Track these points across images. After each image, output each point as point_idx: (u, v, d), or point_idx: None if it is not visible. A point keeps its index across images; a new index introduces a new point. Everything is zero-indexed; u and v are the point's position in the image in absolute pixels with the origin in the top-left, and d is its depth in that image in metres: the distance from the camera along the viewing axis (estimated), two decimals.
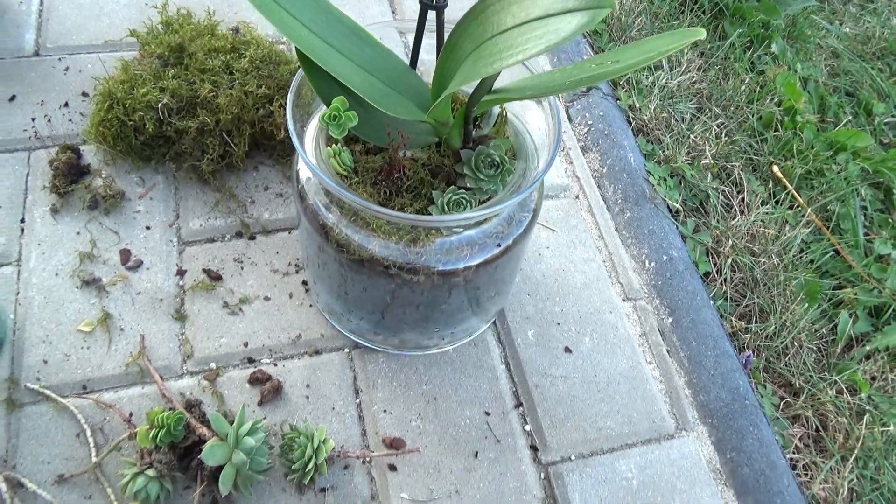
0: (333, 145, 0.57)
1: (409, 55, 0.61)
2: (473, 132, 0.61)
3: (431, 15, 0.57)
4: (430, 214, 0.56)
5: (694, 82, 1.01)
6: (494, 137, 0.62)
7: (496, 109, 0.63)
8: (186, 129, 0.73)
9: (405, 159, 0.59)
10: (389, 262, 0.57)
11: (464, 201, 0.56)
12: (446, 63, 0.54)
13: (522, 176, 0.59)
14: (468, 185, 0.58)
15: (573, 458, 0.65)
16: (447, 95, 0.51)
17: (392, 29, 0.66)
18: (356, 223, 0.57)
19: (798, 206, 0.93)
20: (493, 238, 0.59)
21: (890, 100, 1.16)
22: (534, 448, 0.65)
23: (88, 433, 0.60)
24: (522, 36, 0.46)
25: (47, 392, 0.62)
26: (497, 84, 0.56)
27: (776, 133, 1.00)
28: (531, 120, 0.62)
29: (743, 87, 1.04)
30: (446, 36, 0.55)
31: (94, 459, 0.59)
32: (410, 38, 0.71)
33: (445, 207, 0.56)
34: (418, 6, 0.57)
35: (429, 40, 0.61)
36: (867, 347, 0.81)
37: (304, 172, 0.60)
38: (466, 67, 0.50)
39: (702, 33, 0.45)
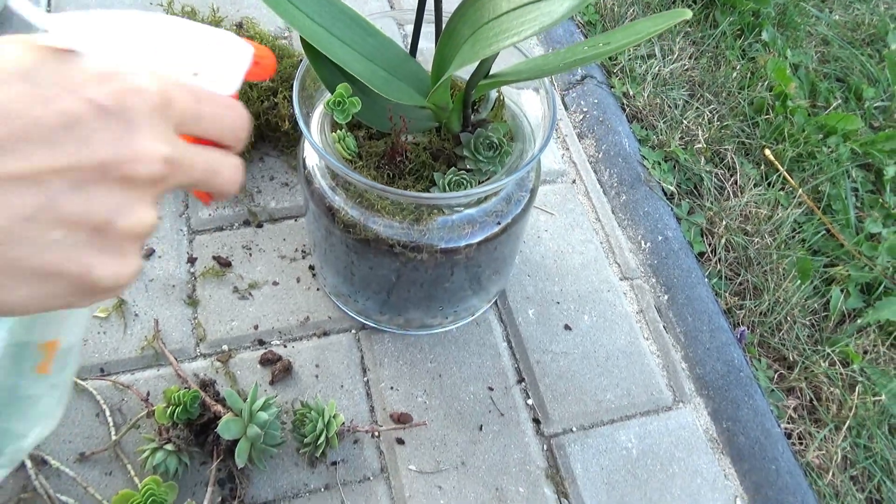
0: (338, 131, 0.60)
1: (409, 44, 0.64)
2: (472, 116, 0.63)
3: (429, 5, 0.60)
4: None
5: (686, 70, 1.04)
6: (492, 121, 0.64)
7: (493, 94, 0.65)
8: None
9: (407, 143, 0.61)
10: (394, 241, 0.59)
11: (464, 181, 0.59)
12: (445, 49, 0.57)
13: (520, 157, 0.62)
14: (468, 166, 0.60)
15: (574, 429, 0.68)
16: (446, 79, 0.54)
17: (390, 20, 0.68)
18: (361, 204, 0.59)
19: (790, 188, 0.96)
20: (493, 216, 0.61)
21: (879, 85, 1.19)
22: (536, 421, 0.68)
23: (107, 413, 0.63)
24: (517, 19, 0.49)
25: None
26: (494, 69, 0.59)
27: (767, 117, 1.03)
28: (527, 104, 0.64)
29: (734, 74, 1.06)
30: (444, 24, 0.57)
31: (113, 437, 0.62)
32: (409, 29, 0.73)
33: (447, 188, 0.59)
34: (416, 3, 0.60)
35: (427, 28, 0.64)
36: (858, 322, 0.84)
37: (310, 159, 0.63)
38: (465, 51, 0.52)
39: (687, 14, 0.48)
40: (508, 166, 0.61)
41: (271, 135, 0.81)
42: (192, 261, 0.74)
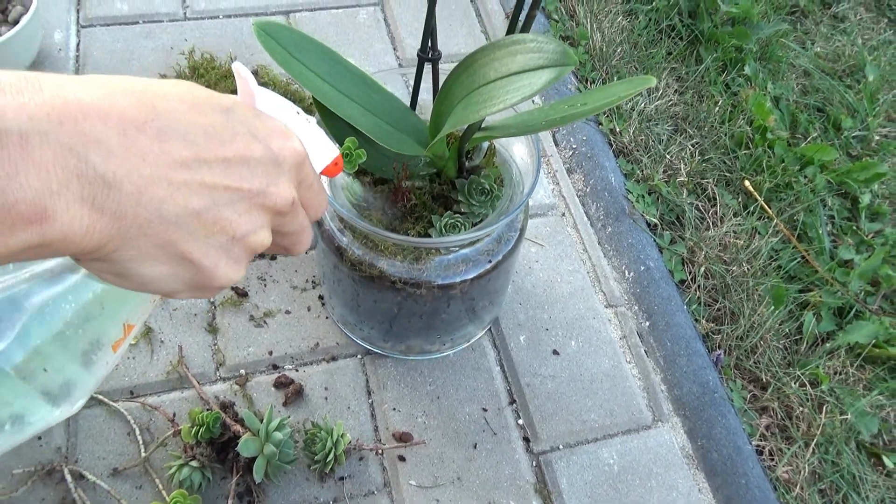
0: (346, 177, 0.67)
1: (410, 96, 0.71)
2: (466, 163, 0.70)
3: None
4: (430, 236, 0.65)
5: (670, 105, 1.10)
6: (484, 167, 0.71)
7: (485, 143, 0.72)
8: None
9: (409, 187, 0.68)
10: (396, 277, 0.66)
11: (458, 224, 0.65)
12: (441, 106, 0.64)
13: (509, 200, 0.68)
14: (462, 209, 0.67)
15: (561, 447, 0.74)
16: (442, 136, 0.61)
17: (398, 75, 0.75)
18: (366, 245, 0.66)
19: (767, 217, 1.02)
20: (485, 255, 0.68)
21: (858, 115, 1.25)
22: (526, 439, 0.74)
23: (137, 432, 0.69)
24: (503, 88, 0.56)
25: (100, 397, 0.71)
26: (486, 122, 0.66)
27: (746, 151, 1.09)
28: (516, 151, 0.71)
29: (716, 109, 1.13)
30: (441, 81, 0.64)
31: (143, 454, 0.68)
32: (411, 79, 0.80)
33: (443, 229, 0.65)
34: (417, 44, 0.66)
35: (426, 83, 0.71)
36: (829, 345, 0.90)
37: None
38: (458, 113, 0.59)
39: (652, 81, 0.55)
40: (499, 209, 0.67)
41: None
42: None
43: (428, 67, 0.67)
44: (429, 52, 0.65)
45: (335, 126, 0.65)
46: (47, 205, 0.25)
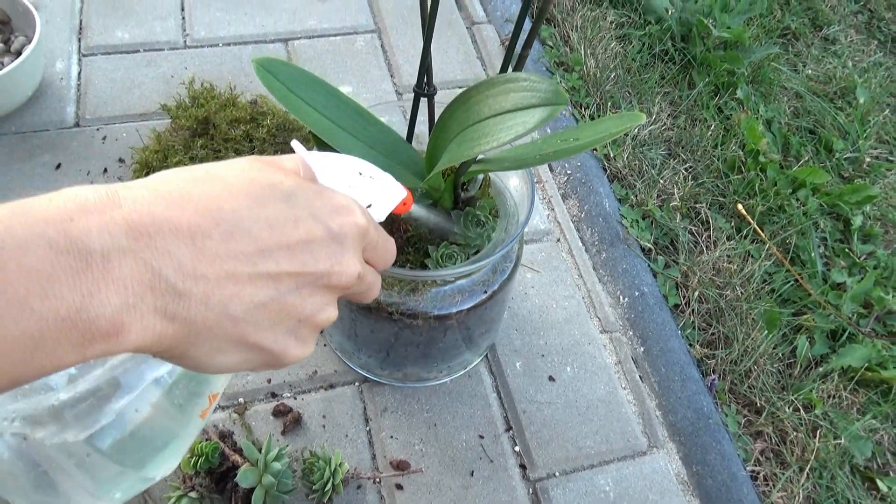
0: None
1: (407, 128, 0.72)
2: (462, 194, 0.71)
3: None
4: (427, 266, 0.66)
5: (664, 130, 1.12)
6: (480, 198, 0.72)
7: (481, 175, 0.73)
8: None
9: (405, 219, 0.69)
10: (393, 308, 0.67)
11: (454, 255, 0.66)
12: (437, 140, 0.65)
13: (504, 231, 0.69)
14: (459, 241, 0.68)
15: (557, 474, 0.75)
16: (438, 170, 0.62)
17: (395, 107, 0.76)
18: None
19: (760, 241, 1.03)
20: (481, 285, 0.69)
21: (849, 136, 1.27)
22: (522, 466, 0.75)
23: None
24: (497, 125, 0.57)
25: None
26: (481, 155, 0.67)
27: (739, 175, 1.11)
28: (511, 182, 0.72)
29: (709, 133, 1.14)
30: (437, 115, 0.65)
31: None
32: (409, 109, 0.81)
33: (439, 260, 0.66)
34: (414, 70, 0.68)
35: (423, 115, 0.72)
36: (822, 369, 0.91)
37: None
38: (453, 149, 0.60)
39: (642, 118, 0.56)
40: (495, 240, 0.68)
41: None
42: None
43: (424, 100, 0.69)
44: (424, 88, 0.66)
45: None
46: (124, 319, 0.26)
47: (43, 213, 0.25)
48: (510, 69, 0.61)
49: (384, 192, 0.41)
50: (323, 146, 0.65)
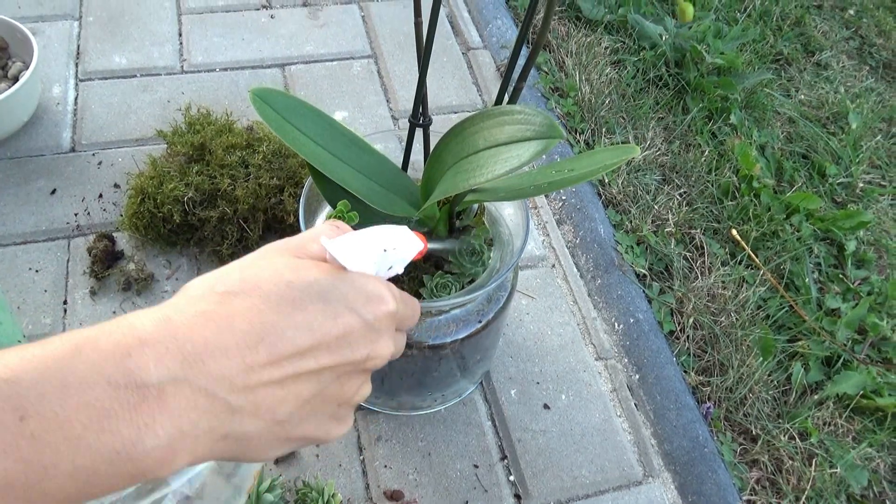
0: None
1: (402, 157, 0.72)
2: (457, 223, 0.71)
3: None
4: (421, 296, 0.66)
5: (658, 155, 1.12)
6: (475, 226, 0.72)
7: (476, 204, 0.73)
8: (208, 218, 0.84)
9: None
10: None
11: (449, 284, 0.66)
12: (432, 170, 0.65)
13: (499, 260, 0.70)
14: (453, 270, 0.68)
15: None
16: (433, 202, 0.62)
17: (392, 135, 0.76)
18: None
19: (755, 267, 1.04)
20: (476, 315, 0.69)
21: (842, 161, 1.28)
22: (517, 496, 0.74)
23: None
24: (492, 158, 0.57)
25: None
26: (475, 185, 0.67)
27: (733, 201, 1.11)
28: (505, 210, 0.73)
29: (703, 158, 1.15)
30: (432, 143, 0.66)
31: None
32: (404, 137, 0.81)
33: (434, 290, 0.66)
34: (410, 95, 0.68)
35: (418, 142, 0.72)
36: (817, 397, 0.90)
37: None
38: (448, 180, 0.61)
39: (636, 151, 0.57)
40: (490, 269, 0.68)
41: (277, 226, 0.90)
42: None
43: (419, 130, 0.69)
44: (419, 119, 0.66)
45: (328, 189, 0.66)
46: (176, 447, 0.27)
47: (103, 349, 0.26)
48: (505, 101, 0.61)
49: (405, 250, 0.42)
50: (319, 177, 0.66)
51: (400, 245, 0.41)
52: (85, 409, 0.25)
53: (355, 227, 0.64)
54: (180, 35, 1.12)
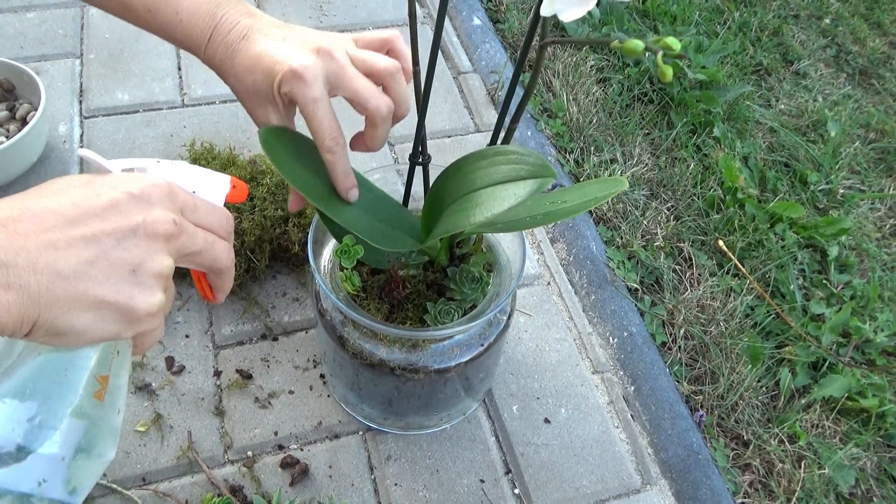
0: (344, 270, 0.72)
1: (403, 193, 0.76)
2: (457, 251, 0.75)
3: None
4: (425, 322, 0.70)
5: (645, 171, 1.17)
6: (474, 254, 0.76)
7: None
8: None
9: (403, 277, 0.73)
10: (395, 364, 0.70)
11: (451, 310, 0.70)
12: (432, 205, 0.69)
13: (499, 284, 0.73)
14: (455, 297, 0.72)
15: None
16: (435, 238, 0.66)
17: (392, 171, 0.80)
18: (367, 335, 0.70)
19: (741, 276, 1.08)
20: (478, 338, 0.72)
21: (823, 168, 1.33)
22: None
23: None
24: (489, 196, 0.61)
25: (114, 486, 0.74)
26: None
27: (719, 214, 1.16)
28: (503, 237, 0.76)
29: (689, 171, 1.19)
30: (431, 181, 0.69)
31: None
32: (404, 173, 0.85)
33: (437, 316, 0.70)
34: (408, 123, 0.71)
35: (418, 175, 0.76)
36: (804, 401, 0.95)
37: (324, 298, 0.74)
38: (448, 217, 0.64)
39: (625, 184, 0.61)
40: (490, 293, 0.72)
41: (282, 255, 0.93)
42: (217, 374, 0.84)
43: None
44: (419, 157, 0.70)
45: (333, 226, 0.70)
46: None
47: None
48: (500, 141, 0.65)
49: (208, 179, 0.48)
50: (324, 216, 0.69)
51: (193, 168, 0.48)
52: None
53: (362, 260, 0.69)
54: (179, 69, 1.16)
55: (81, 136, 1.05)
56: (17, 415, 0.43)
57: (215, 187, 0.48)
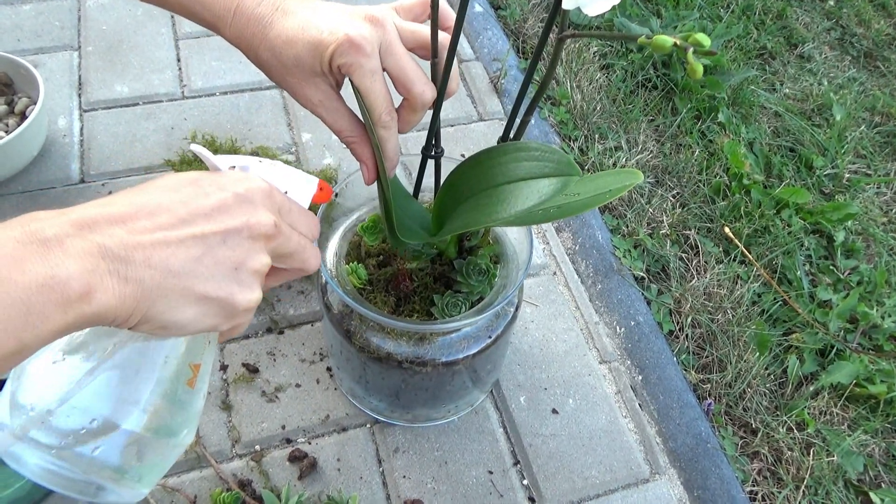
0: (350, 263, 0.71)
1: (413, 185, 0.75)
2: (466, 243, 0.74)
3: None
4: (432, 314, 0.70)
5: (650, 158, 1.16)
6: (482, 246, 0.75)
7: None
8: None
9: (411, 270, 0.72)
10: (402, 357, 0.70)
11: (459, 303, 0.70)
12: (445, 198, 0.67)
13: (506, 276, 0.73)
14: (463, 289, 0.71)
15: None
16: (454, 234, 0.64)
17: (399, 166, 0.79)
18: (373, 328, 0.70)
19: (748, 263, 1.07)
20: (486, 331, 0.72)
21: (828, 153, 1.32)
22: (531, 500, 0.78)
23: None
24: (512, 193, 0.60)
25: None
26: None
27: (724, 200, 1.15)
28: (509, 229, 0.76)
29: (694, 158, 1.18)
30: (443, 172, 0.68)
31: None
32: (409, 165, 0.84)
33: (444, 308, 0.70)
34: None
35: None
36: (812, 387, 0.94)
37: (330, 292, 0.73)
38: (467, 213, 0.62)
39: (640, 177, 0.59)
40: (497, 285, 0.72)
41: None
42: (223, 368, 0.84)
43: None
44: (432, 150, 0.69)
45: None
46: (89, 281, 0.33)
47: (8, 224, 0.34)
48: (512, 135, 0.64)
49: (298, 181, 0.49)
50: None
51: (285, 168, 0.48)
52: (3, 261, 0.32)
53: (374, 246, 0.68)
54: (178, 61, 1.15)
55: (81, 129, 1.04)
56: (111, 392, 0.44)
57: (304, 188, 0.49)
